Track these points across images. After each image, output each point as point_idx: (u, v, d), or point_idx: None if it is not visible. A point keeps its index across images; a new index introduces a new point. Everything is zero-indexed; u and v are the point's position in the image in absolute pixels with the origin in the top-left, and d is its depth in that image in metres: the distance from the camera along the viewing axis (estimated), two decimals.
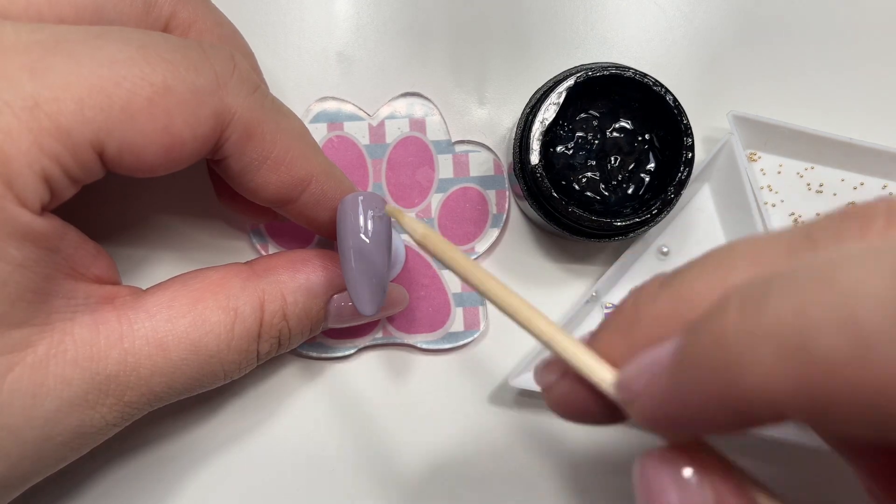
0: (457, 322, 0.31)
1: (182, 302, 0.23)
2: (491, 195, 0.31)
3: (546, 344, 0.18)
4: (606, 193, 0.29)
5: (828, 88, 0.33)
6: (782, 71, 0.33)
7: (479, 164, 0.31)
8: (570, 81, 0.27)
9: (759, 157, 0.33)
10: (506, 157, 0.31)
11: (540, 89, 0.29)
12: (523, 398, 0.32)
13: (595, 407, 0.18)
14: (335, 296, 0.27)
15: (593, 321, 0.32)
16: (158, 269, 0.31)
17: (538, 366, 0.20)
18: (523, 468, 0.31)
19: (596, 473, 0.32)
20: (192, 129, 0.21)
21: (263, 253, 0.31)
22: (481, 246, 0.31)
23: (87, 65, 0.19)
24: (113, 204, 0.30)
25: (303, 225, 0.27)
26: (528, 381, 0.29)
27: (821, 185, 0.33)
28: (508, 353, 0.32)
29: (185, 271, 0.25)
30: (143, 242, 0.31)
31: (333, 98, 0.31)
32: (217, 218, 0.31)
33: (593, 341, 0.18)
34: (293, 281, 0.26)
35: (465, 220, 0.31)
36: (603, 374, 0.18)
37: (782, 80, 0.33)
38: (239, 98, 0.22)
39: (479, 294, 0.30)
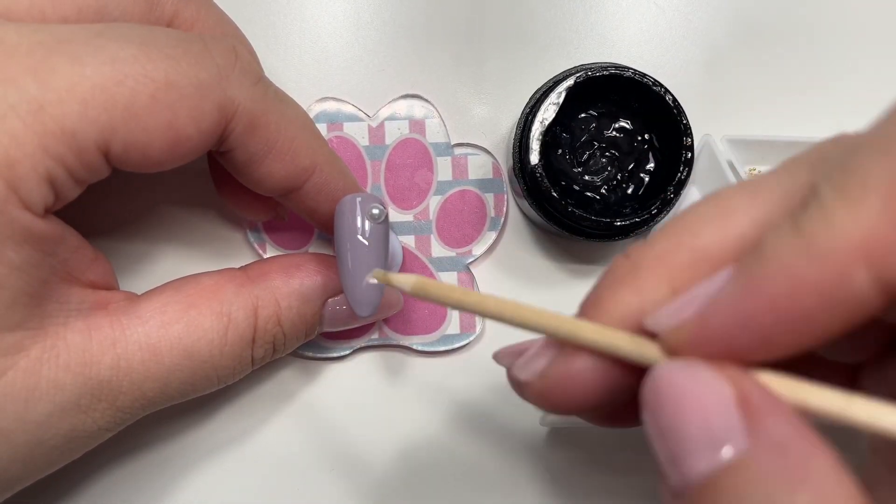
0: (453, 325, 0.31)
1: (175, 308, 0.23)
2: (489, 198, 0.31)
3: (572, 338, 0.17)
4: (606, 193, 0.29)
5: (827, 86, 0.33)
6: (781, 70, 0.33)
7: (478, 167, 0.31)
8: (570, 81, 0.27)
9: (759, 172, 0.32)
10: (505, 158, 0.31)
11: (539, 89, 0.29)
12: (516, 402, 0.31)
13: (601, 386, 0.17)
14: (330, 300, 0.27)
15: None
16: (158, 265, 0.31)
17: (519, 362, 0.19)
18: (520, 468, 0.31)
19: (593, 471, 0.32)
20: (197, 123, 0.21)
21: (261, 252, 0.31)
22: (478, 249, 0.31)
23: (90, 64, 0.19)
24: (113, 199, 0.31)
25: (304, 217, 0.27)
26: (561, 420, 0.29)
27: None
28: None
29: (185, 267, 0.25)
30: (143, 238, 0.31)
31: (333, 98, 0.31)
32: (218, 212, 0.31)
33: (597, 305, 0.17)
34: (287, 286, 0.26)
35: (463, 222, 0.31)
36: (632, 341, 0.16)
37: (781, 79, 0.33)
38: (242, 90, 0.22)
39: (482, 316, 0.29)
